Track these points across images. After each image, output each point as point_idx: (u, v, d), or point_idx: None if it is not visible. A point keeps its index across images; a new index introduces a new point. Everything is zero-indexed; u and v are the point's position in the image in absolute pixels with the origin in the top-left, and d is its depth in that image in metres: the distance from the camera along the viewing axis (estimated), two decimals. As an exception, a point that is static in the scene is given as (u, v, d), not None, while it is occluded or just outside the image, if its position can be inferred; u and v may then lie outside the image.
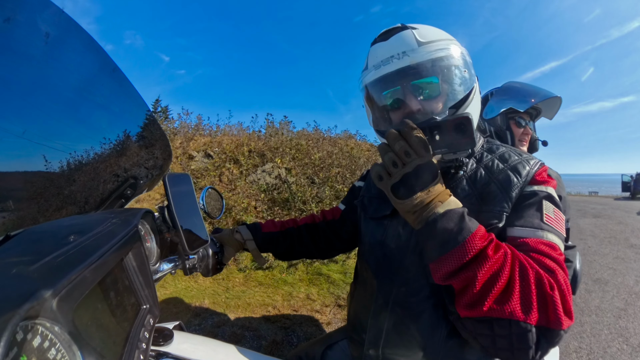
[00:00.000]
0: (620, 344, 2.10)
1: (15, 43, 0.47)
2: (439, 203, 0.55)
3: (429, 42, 0.66)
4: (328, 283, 2.76)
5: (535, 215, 0.61)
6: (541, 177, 0.66)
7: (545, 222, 0.60)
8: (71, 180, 0.56)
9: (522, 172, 0.66)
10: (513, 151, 0.72)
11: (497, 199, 0.65)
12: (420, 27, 0.68)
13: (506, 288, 0.51)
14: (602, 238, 5.10)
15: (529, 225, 0.60)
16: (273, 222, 0.98)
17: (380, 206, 0.81)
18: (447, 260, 0.53)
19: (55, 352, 0.26)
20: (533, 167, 0.67)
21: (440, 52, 0.65)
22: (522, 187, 0.64)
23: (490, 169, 0.69)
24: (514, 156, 0.70)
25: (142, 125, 0.77)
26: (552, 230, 0.59)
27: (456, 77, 0.68)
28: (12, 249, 0.33)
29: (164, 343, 0.60)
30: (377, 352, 0.73)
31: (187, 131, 5.35)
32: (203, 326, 2.13)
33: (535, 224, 0.60)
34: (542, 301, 0.50)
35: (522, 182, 0.65)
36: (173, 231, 0.68)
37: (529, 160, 0.69)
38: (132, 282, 0.46)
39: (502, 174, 0.67)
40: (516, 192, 0.64)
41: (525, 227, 0.60)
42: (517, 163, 0.68)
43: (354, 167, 4.45)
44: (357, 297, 0.86)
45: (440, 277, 0.54)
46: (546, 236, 0.58)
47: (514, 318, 0.49)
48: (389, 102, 0.70)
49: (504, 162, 0.70)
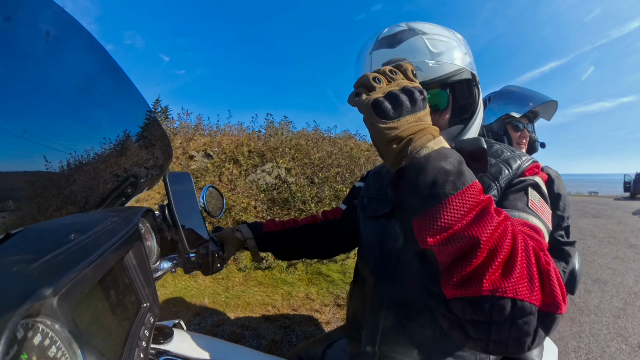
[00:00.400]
0: (619, 343, 2.10)
1: (16, 42, 0.47)
2: (431, 137, 0.44)
3: (441, 52, 0.63)
4: (327, 282, 2.77)
5: (521, 199, 0.58)
6: (531, 171, 0.65)
7: (529, 207, 0.56)
8: (71, 180, 0.56)
9: (513, 165, 0.66)
10: (507, 148, 0.72)
11: (490, 188, 0.64)
12: (428, 32, 0.65)
13: (509, 259, 0.40)
14: (602, 238, 5.10)
15: (512, 207, 0.57)
16: (274, 222, 0.98)
17: (378, 205, 0.82)
18: (441, 212, 0.40)
19: (55, 350, 0.26)
20: (525, 162, 0.67)
21: (452, 66, 0.63)
22: (512, 179, 0.64)
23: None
24: (507, 152, 0.70)
25: (143, 124, 0.77)
26: (536, 216, 0.55)
27: (465, 91, 0.68)
28: (12, 248, 0.33)
29: (163, 341, 0.60)
30: (374, 349, 0.73)
31: (187, 131, 5.36)
32: (203, 325, 2.13)
33: (519, 206, 0.56)
34: (542, 279, 0.41)
35: (512, 174, 0.64)
36: (173, 230, 0.68)
37: (521, 156, 0.69)
38: (133, 280, 0.47)
39: (493, 167, 0.67)
40: (505, 183, 0.64)
41: (508, 209, 0.56)
42: (509, 157, 0.68)
43: (353, 167, 4.45)
44: (355, 295, 0.87)
45: (429, 235, 0.41)
46: (530, 219, 0.53)
47: (518, 298, 0.39)
48: None
49: (496, 157, 0.70)
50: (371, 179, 0.92)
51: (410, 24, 0.68)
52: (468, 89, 0.68)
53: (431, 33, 0.66)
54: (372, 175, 0.93)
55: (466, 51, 0.68)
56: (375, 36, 0.72)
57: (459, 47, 0.67)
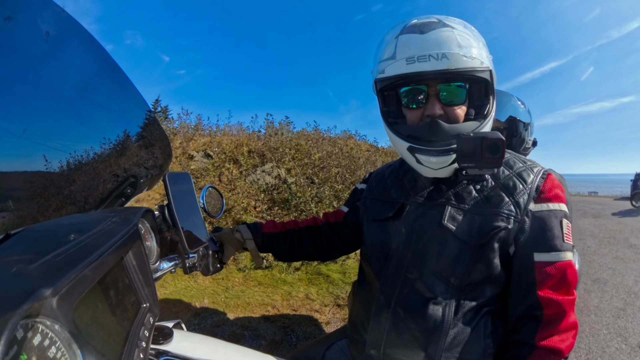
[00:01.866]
0: (619, 343, 2.10)
1: (16, 42, 0.47)
2: None
3: (468, 47, 0.64)
4: (327, 283, 2.76)
5: (557, 237, 0.66)
6: (551, 192, 0.68)
7: (566, 241, 0.66)
8: (71, 180, 0.56)
9: (527, 180, 0.69)
10: (517, 158, 0.74)
11: (504, 202, 0.67)
12: (457, 27, 0.66)
13: None
14: (602, 238, 5.11)
15: (551, 248, 0.65)
16: (274, 223, 0.98)
17: (382, 208, 0.81)
18: None
19: (55, 351, 0.26)
20: (537, 175, 0.69)
21: (477, 61, 0.64)
22: (529, 197, 0.67)
23: (496, 174, 0.71)
24: (519, 163, 0.72)
25: (143, 124, 0.77)
26: (570, 248, 0.66)
27: (482, 91, 0.69)
28: (12, 248, 0.33)
29: (163, 341, 0.60)
30: (379, 352, 0.73)
31: (186, 131, 5.35)
32: (202, 325, 2.13)
33: (557, 245, 0.65)
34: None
35: (528, 191, 0.67)
36: (173, 230, 0.68)
37: (532, 168, 0.71)
38: (132, 280, 0.47)
39: (507, 179, 0.69)
40: (522, 200, 0.66)
41: (551, 252, 0.65)
42: (522, 170, 0.70)
43: (353, 167, 4.45)
44: (359, 297, 0.86)
45: None
46: (567, 256, 0.65)
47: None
48: (405, 100, 0.70)
49: (509, 168, 0.72)
50: (374, 181, 0.92)
51: (441, 18, 0.68)
52: (485, 90, 0.69)
53: (459, 28, 0.66)
54: (375, 177, 0.93)
55: (488, 54, 0.69)
56: (402, 24, 0.71)
57: (484, 47, 0.69)
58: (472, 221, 0.67)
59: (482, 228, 0.66)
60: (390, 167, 0.91)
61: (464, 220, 0.67)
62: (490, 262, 0.66)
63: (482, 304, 0.68)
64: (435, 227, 0.69)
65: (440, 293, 0.68)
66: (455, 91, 0.66)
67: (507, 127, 1.44)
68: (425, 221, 0.71)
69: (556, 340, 0.63)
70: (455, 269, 0.66)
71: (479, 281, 0.68)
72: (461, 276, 0.66)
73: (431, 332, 0.67)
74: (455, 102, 0.67)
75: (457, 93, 0.66)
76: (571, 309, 0.65)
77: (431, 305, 0.67)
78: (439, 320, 0.66)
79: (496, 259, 0.67)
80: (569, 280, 0.65)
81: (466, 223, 0.67)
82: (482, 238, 0.65)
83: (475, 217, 0.67)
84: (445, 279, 0.68)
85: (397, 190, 0.82)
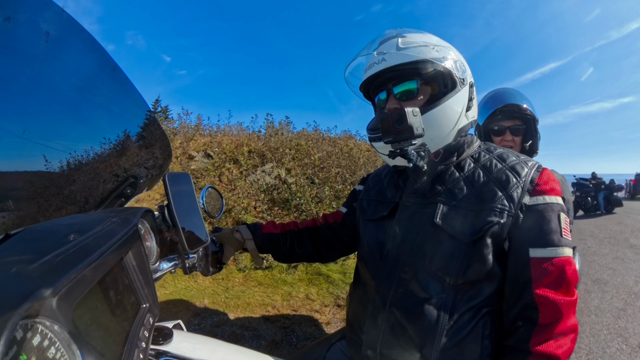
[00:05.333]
0: (620, 344, 2.10)
1: (16, 42, 0.47)
2: None
3: (407, 47, 0.70)
4: (327, 283, 2.76)
5: (555, 230, 0.64)
6: (546, 185, 0.66)
7: (564, 236, 0.64)
8: (71, 180, 0.56)
9: (521, 173, 0.67)
10: (511, 152, 0.74)
11: (497, 196, 0.65)
12: (406, 35, 0.73)
13: None
14: (602, 238, 5.11)
15: (549, 243, 0.63)
16: (274, 224, 0.98)
17: (378, 208, 0.81)
18: None
19: (54, 351, 0.26)
20: (531, 169, 0.68)
21: (416, 56, 0.69)
22: (523, 190, 0.65)
23: (489, 168, 0.70)
24: (512, 157, 0.71)
25: (143, 124, 0.77)
26: (568, 244, 0.64)
27: (440, 84, 0.72)
28: (11, 248, 0.33)
29: (163, 342, 0.60)
30: (375, 352, 0.73)
31: (187, 131, 5.35)
32: (202, 326, 2.13)
33: (555, 241, 0.63)
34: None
35: (522, 184, 0.66)
36: (173, 230, 0.68)
37: (526, 161, 0.70)
38: (132, 281, 0.46)
39: (500, 173, 0.68)
40: (516, 194, 0.65)
41: (548, 247, 0.63)
42: (515, 163, 0.69)
43: (353, 168, 4.45)
44: (355, 298, 0.86)
45: None
46: (565, 252, 0.63)
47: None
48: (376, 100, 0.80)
49: (502, 161, 0.71)
50: (371, 182, 0.92)
51: (400, 31, 0.75)
52: (444, 82, 0.72)
53: (409, 36, 0.73)
54: (372, 178, 0.94)
55: (443, 54, 0.72)
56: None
57: (432, 47, 0.72)
58: (465, 218, 0.66)
59: (474, 224, 0.65)
60: (387, 168, 0.91)
61: (457, 217, 0.67)
62: (484, 259, 0.64)
63: (481, 304, 0.67)
64: (428, 225, 0.69)
65: (436, 293, 0.67)
66: (406, 87, 0.72)
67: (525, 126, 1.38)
68: (418, 220, 0.71)
69: (552, 346, 0.59)
70: (450, 267, 0.65)
71: (476, 280, 0.66)
72: (456, 275, 0.65)
73: (426, 332, 0.66)
74: (409, 96, 0.72)
75: (408, 88, 0.72)
76: (570, 310, 0.61)
77: (426, 306, 0.67)
78: (434, 320, 0.66)
79: (490, 255, 0.65)
80: (568, 278, 0.61)
81: (459, 220, 0.66)
82: (475, 235, 0.64)
83: (468, 214, 0.66)
84: (440, 278, 0.67)
85: (392, 190, 0.82)
